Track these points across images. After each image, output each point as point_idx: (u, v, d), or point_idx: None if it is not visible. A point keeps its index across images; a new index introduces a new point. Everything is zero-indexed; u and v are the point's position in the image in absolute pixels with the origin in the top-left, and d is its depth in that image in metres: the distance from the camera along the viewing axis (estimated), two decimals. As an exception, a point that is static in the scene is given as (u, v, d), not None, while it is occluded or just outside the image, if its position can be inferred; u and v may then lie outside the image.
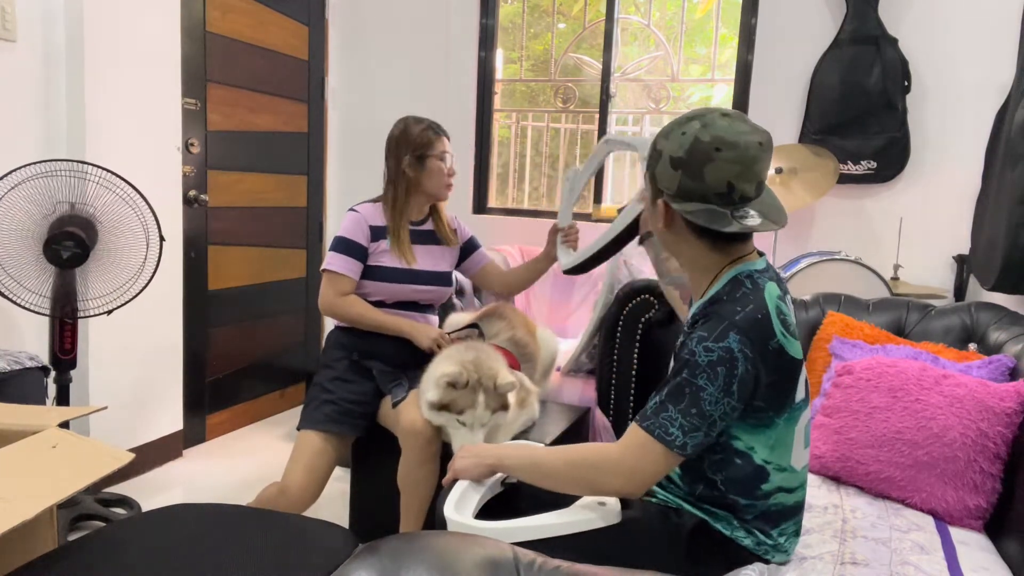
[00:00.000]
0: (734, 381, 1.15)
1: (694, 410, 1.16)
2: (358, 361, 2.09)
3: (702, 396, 1.15)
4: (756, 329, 1.17)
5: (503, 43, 3.75)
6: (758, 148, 1.19)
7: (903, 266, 2.92)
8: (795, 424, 1.24)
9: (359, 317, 2.05)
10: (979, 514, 1.60)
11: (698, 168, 1.18)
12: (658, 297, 2.43)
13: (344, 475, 2.21)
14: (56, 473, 1.17)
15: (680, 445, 1.16)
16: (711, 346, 1.16)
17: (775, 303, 1.21)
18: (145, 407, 2.75)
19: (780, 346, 1.19)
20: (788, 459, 1.25)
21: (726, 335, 1.16)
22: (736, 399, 1.16)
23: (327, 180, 3.80)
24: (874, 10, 2.88)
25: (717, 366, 1.15)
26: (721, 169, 1.17)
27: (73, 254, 2.11)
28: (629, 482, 1.18)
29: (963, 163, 2.86)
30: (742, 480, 1.24)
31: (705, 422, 1.16)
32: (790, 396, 1.22)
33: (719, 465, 1.25)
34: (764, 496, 1.25)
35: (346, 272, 2.04)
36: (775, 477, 1.25)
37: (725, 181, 1.17)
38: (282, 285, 3.53)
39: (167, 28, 2.70)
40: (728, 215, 1.18)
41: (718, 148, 1.17)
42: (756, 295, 1.21)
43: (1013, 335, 1.91)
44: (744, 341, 1.15)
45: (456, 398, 1.78)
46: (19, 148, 2.32)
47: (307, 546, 1.19)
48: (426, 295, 2.15)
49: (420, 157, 2.11)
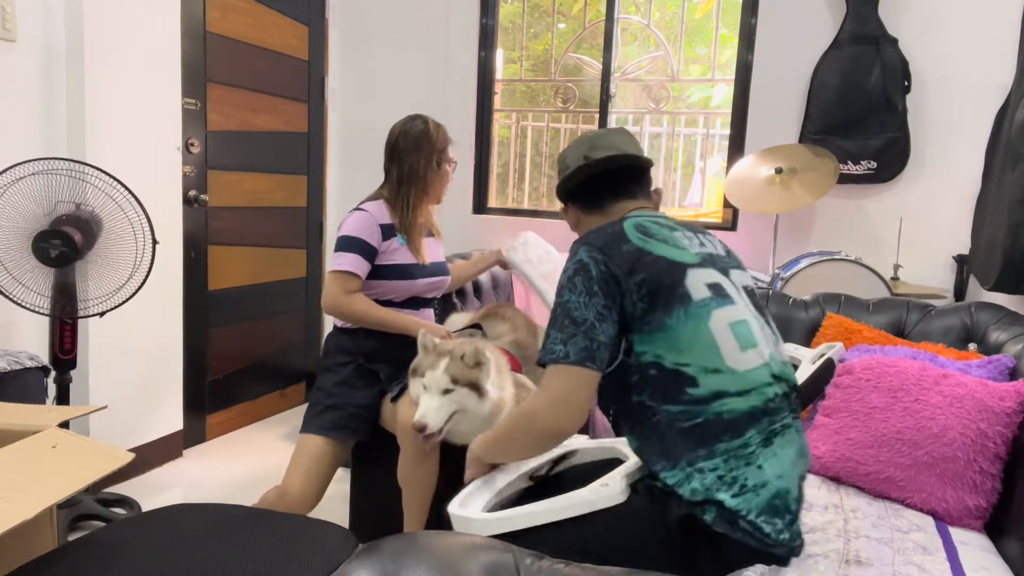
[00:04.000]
0: (593, 283, 1.24)
1: (567, 321, 1.23)
2: (364, 365, 2.06)
3: (569, 307, 1.24)
4: (603, 238, 1.29)
5: (503, 43, 3.75)
6: (607, 129, 1.48)
7: (903, 266, 2.92)
8: (705, 323, 1.24)
9: (364, 315, 2.00)
10: (979, 514, 1.60)
11: (562, 163, 1.49)
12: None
13: (344, 475, 2.21)
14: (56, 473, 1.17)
15: (564, 355, 1.21)
16: (568, 265, 1.28)
17: (636, 222, 1.32)
18: (145, 407, 2.75)
19: (639, 248, 1.27)
20: (718, 360, 1.23)
21: (577, 252, 1.29)
22: (603, 297, 1.23)
23: (327, 180, 3.80)
24: (874, 10, 2.88)
25: (574, 277, 1.25)
26: (574, 149, 1.46)
27: (61, 253, 2.08)
28: (556, 416, 1.22)
29: (963, 163, 2.86)
30: (663, 387, 1.23)
31: (580, 328, 1.22)
32: (676, 294, 1.24)
33: (639, 385, 1.26)
34: (701, 401, 1.21)
35: (358, 271, 1.99)
36: (707, 380, 1.22)
37: (580, 155, 1.44)
38: (282, 285, 3.53)
39: (167, 28, 2.70)
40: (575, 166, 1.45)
41: (570, 143, 1.50)
42: (615, 223, 1.33)
43: (1013, 335, 1.91)
44: (591, 248, 1.27)
45: (422, 360, 1.79)
46: (19, 148, 2.32)
47: (307, 546, 1.19)
48: (433, 287, 2.15)
49: (439, 161, 2.10)
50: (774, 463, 1.23)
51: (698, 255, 1.31)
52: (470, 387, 1.76)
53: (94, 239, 2.17)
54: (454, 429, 1.86)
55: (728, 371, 1.23)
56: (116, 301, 2.21)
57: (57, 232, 2.08)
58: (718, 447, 1.21)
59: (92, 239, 2.16)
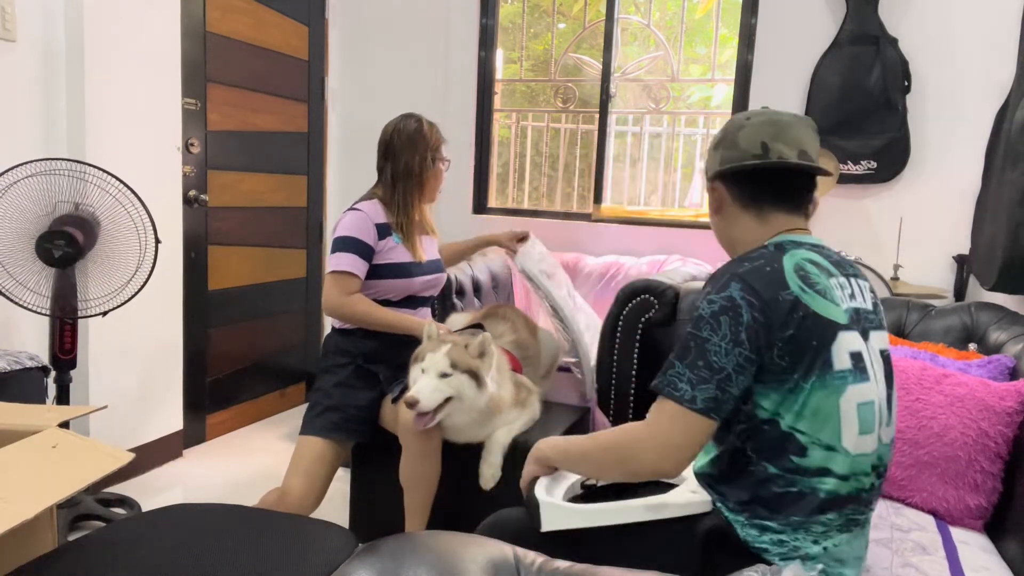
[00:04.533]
0: (741, 330, 1.11)
1: (701, 362, 1.12)
2: (363, 366, 2.06)
3: (707, 347, 1.12)
4: (761, 279, 1.14)
5: (503, 43, 3.75)
6: (794, 117, 1.22)
7: (903, 266, 2.91)
8: (837, 397, 1.14)
9: (365, 315, 2.00)
10: (980, 514, 1.60)
11: (732, 137, 1.24)
12: (658, 297, 2.43)
13: (344, 475, 2.21)
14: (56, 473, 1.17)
15: (689, 399, 1.11)
16: (714, 298, 1.14)
17: (796, 261, 1.17)
18: (145, 407, 2.75)
19: (796, 299, 1.13)
20: (835, 438, 1.14)
21: (728, 285, 1.14)
22: (748, 349, 1.11)
23: (327, 180, 3.79)
24: (874, 10, 2.88)
25: (720, 315, 1.12)
26: (754, 132, 1.22)
27: (64, 253, 2.09)
28: (661, 456, 1.13)
29: (963, 163, 2.86)
30: (769, 445, 1.15)
31: (715, 375, 1.11)
32: (820, 359, 1.13)
33: (745, 434, 1.18)
34: (803, 472, 1.14)
35: (356, 271, 1.99)
36: (816, 453, 1.14)
37: (759, 142, 1.21)
38: (282, 285, 3.53)
39: (167, 28, 2.70)
40: (754, 162, 1.22)
41: (748, 117, 1.25)
42: (773, 254, 1.18)
43: (1013, 335, 1.91)
44: (747, 289, 1.13)
45: (424, 347, 1.81)
46: (19, 148, 2.32)
47: (307, 546, 1.19)
48: (430, 284, 2.15)
49: (433, 159, 2.11)
50: (839, 550, 1.18)
51: (847, 312, 1.19)
52: (469, 375, 1.76)
53: (95, 239, 2.17)
54: (450, 422, 1.86)
55: (841, 451, 1.16)
56: (119, 300, 2.22)
57: (60, 232, 2.08)
58: (795, 519, 1.16)
59: (93, 239, 2.16)
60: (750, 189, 1.26)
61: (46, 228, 2.09)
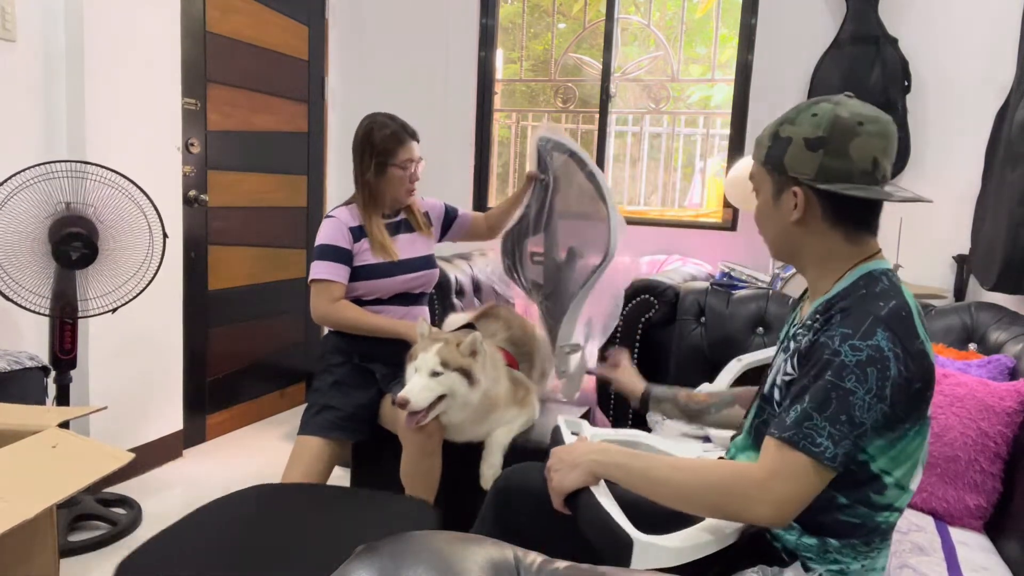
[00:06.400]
0: (887, 384, 1.02)
1: (843, 417, 1.02)
2: (359, 364, 2.08)
3: (852, 401, 1.02)
4: (902, 326, 1.05)
5: (503, 43, 3.75)
6: (893, 124, 1.13)
7: (903, 266, 2.91)
8: (923, 440, 1.12)
9: (354, 322, 2.04)
10: (979, 514, 1.60)
11: (842, 144, 1.09)
12: (658, 297, 2.43)
13: (344, 475, 2.21)
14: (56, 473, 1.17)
15: (831, 457, 1.02)
16: (858, 344, 1.03)
17: (914, 302, 1.11)
18: (145, 407, 2.75)
19: (923, 348, 1.06)
20: (909, 479, 1.12)
21: (873, 332, 1.03)
22: (888, 404, 1.03)
23: (327, 180, 3.80)
24: (874, 10, 2.88)
25: (867, 366, 1.02)
26: (867, 144, 1.09)
27: (82, 255, 2.12)
28: (777, 511, 1.04)
29: (963, 163, 2.86)
30: (853, 482, 1.10)
31: (854, 431, 1.02)
32: (923, 407, 1.10)
33: None
34: (873, 507, 1.12)
35: (336, 278, 2.03)
36: (892, 494, 1.11)
37: (871, 157, 1.09)
38: (282, 285, 3.53)
39: (167, 28, 2.70)
40: (880, 191, 1.10)
41: (861, 123, 1.09)
42: (896, 291, 1.09)
43: (1013, 335, 1.91)
44: (894, 339, 1.03)
45: (418, 347, 1.81)
46: (19, 148, 2.32)
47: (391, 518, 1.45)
48: (416, 282, 2.16)
49: (380, 164, 2.09)
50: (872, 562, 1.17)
51: None
52: (460, 372, 1.77)
53: (98, 237, 2.18)
54: (447, 420, 1.86)
55: (909, 491, 1.14)
56: (128, 296, 2.22)
57: (76, 235, 2.10)
58: (852, 541, 1.13)
59: (98, 238, 2.17)
60: (850, 209, 1.13)
61: (54, 230, 2.10)
